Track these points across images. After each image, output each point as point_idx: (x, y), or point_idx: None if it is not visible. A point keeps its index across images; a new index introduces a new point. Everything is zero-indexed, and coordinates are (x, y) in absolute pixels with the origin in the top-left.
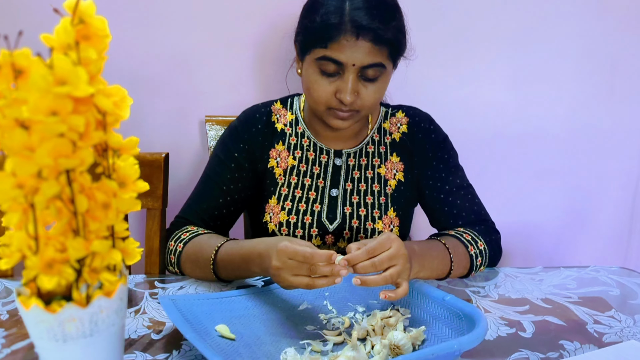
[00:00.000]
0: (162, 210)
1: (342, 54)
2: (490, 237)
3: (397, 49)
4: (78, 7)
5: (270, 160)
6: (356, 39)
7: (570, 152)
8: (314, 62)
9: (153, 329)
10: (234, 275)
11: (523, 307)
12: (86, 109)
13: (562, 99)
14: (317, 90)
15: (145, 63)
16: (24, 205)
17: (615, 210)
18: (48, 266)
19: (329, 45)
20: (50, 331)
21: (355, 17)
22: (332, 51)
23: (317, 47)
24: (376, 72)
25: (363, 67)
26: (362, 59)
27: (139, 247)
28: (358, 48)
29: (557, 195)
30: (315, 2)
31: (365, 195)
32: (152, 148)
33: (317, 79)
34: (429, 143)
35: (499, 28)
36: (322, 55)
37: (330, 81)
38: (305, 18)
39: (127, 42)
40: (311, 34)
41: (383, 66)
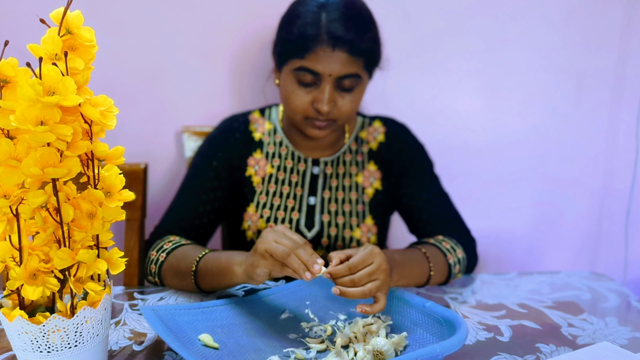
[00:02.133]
0: (141, 221)
1: (319, 64)
2: (468, 245)
3: (373, 59)
4: (66, 18)
5: (248, 168)
6: (332, 49)
7: (538, 161)
8: (291, 73)
9: (135, 340)
10: (216, 283)
11: (500, 312)
12: (73, 119)
13: (530, 109)
14: (294, 101)
15: (121, 73)
16: (9, 215)
17: (583, 216)
18: (32, 276)
19: (305, 56)
20: (34, 343)
21: (332, 28)
22: (309, 62)
23: (294, 58)
24: (352, 82)
25: (339, 77)
26: (338, 70)
27: None
28: (334, 59)
29: (527, 203)
30: (292, 14)
31: (343, 203)
32: (129, 158)
33: (294, 89)
34: (405, 152)
35: (469, 40)
36: (299, 66)
37: (308, 91)
38: (283, 29)
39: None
40: (288, 45)
41: (359, 77)
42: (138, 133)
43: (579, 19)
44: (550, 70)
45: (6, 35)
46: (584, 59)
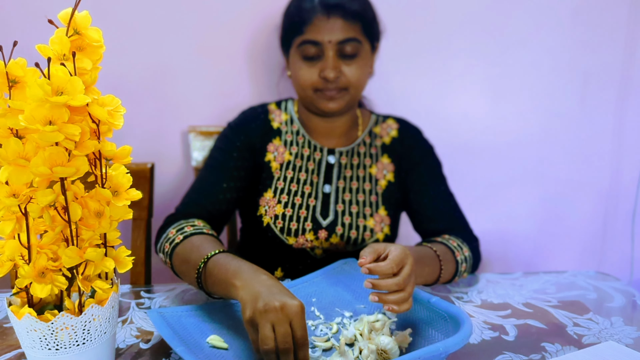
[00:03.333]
0: (148, 220)
1: (318, 34)
2: (472, 244)
3: (369, 23)
4: (74, 19)
5: (268, 154)
6: (327, 17)
7: (544, 161)
8: (296, 52)
9: (141, 339)
10: (215, 290)
11: (505, 311)
12: (81, 119)
13: (536, 109)
14: (302, 76)
15: (128, 73)
16: (18, 214)
17: (588, 216)
18: (40, 275)
19: (304, 30)
20: (42, 340)
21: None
22: (309, 33)
23: (296, 36)
24: (353, 47)
25: (339, 42)
26: (337, 35)
27: None
28: (331, 25)
29: (533, 203)
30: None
31: (357, 193)
32: (135, 158)
33: (301, 65)
34: (416, 149)
35: (474, 41)
36: (301, 41)
37: (313, 64)
38: (284, 17)
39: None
40: (289, 24)
41: (359, 41)
42: (145, 133)
43: (585, 19)
44: (556, 70)
45: (15, 36)
46: (590, 59)
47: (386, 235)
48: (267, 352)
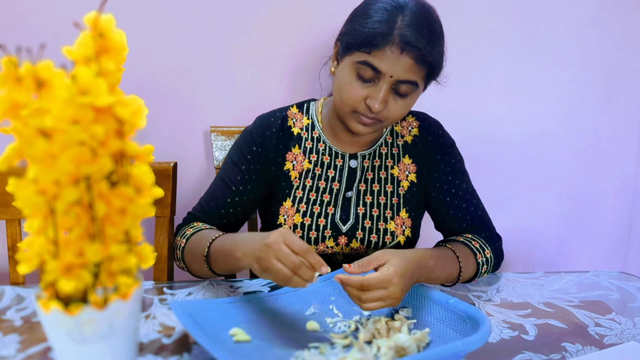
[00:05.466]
0: (170, 218)
1: (383, 63)
2: (495, 244)
3: (434, 72)
4: (98, 22)
5: (287, 163)
6: (400, 52)
7: (568, 159)
8: (353, 64)
9: (164, 333)
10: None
11: (525, 310)
12: (105, 118)
13: (561, 107)
14: (348, 92)
15: (151, 73)
16: (45, 211)
17: (614, 216)
18: (67, 270)
19: (372, 52)
20: (69, 333)
21: (405, 32)
22: (374, 58)
23: (361, 51)
24: (409, 88)
25: (399, 81)
26: (400, 73)
27: None
28: (400, 62)
29: (557, 202)
30: (369, 8)
31: (379, 195)
32: (158, 158)
33: (351, 80)
34: (437, 146)
35: (495, 36)
36: (363, 60)
37: (364, 86)
38: (356, 21)
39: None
40: (358, 37)
41: (416, 85)
42: (168, 132)
43: (609, 16)
44: (581, 68)
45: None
46: (615, 56)
47: (407, 237)
48: (288, 281)
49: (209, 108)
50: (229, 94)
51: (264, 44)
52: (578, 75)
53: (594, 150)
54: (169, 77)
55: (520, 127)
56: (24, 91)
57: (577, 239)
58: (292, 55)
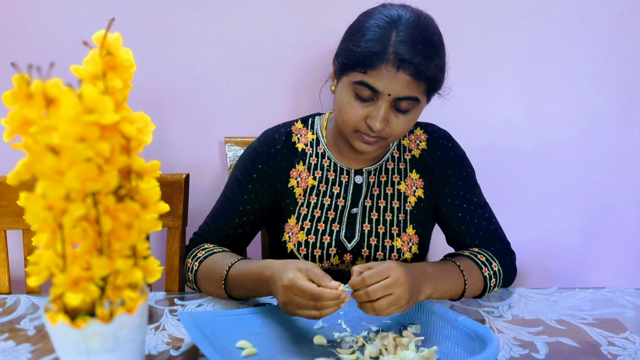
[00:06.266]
0: (182, 229)
1: (380, 82)
2: (506, 258)
3: (435, 85)
4: (106, 40)
5: (291, 180)
6: (396, 70)
7: (586, 170)
8: (350, 85)
9: (172, 345)
10: (245, 295)
11: (537, 328)
12: (112, 135)
13: (578, 117)
14: (347, 112)
15: (167, 84)
16: (53, 226)
17: (634, 228)
18: (74, 284)
19: (368, 72)
20: (75, 346)
21: (399, 49)
22: (370, 78)
23: (356, 71)
24: (409, 104)
25: (398, 98)
26: (398, 91)
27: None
28: (397, 79)
29: (574, 214)
30: (362, 26)
31: (385, 212)
32: (174, 168)
33: (350, 101)
34: (447, 160)
35: (514, 45)
36: (359, 80)
37: (363, 106)
38: (350, 40)
39: (149, 63)
40: (353, 57)
41: (417, 100)
42: (183, 143)
43: (629, 25)
44: (599, 77)
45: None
46: (634, 66)
47: (414, 254)
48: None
49: (224, 118)
50: (243, 105)
51: (281, 55)
52: (596, 84)
53: (612, 161)
54: (186, 87)
55: (535, 137)
56: (35, 108)
57: (597, 253)
58: (308, 68)
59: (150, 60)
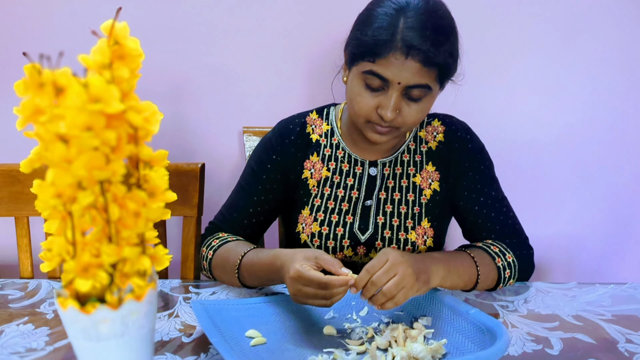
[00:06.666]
0: (198, 218)
1: (389, 71)
2: (522, 251)
3: (446, 72)
4: (113, 30)
5: (305, 171)
6: (405, 58)
7: (611, 162)
8: (360, 75)
9: (184, 332)
10: (258, 284)
11: (552, 323)
12: (119, 124)
13: (603, 109)
14: (359, 103)
15: (188, 75)
16: (63, 213)
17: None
18: (84, 270)
19: (376, 61)
20: (84, 331)
21: (407, 36)
22: (379, 67)
23: (365, 61)
24: (421, 92)
25: (408, 86)
26: (408, 79)
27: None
28: (406, 67)
29: (598, 207)
30: (370, 15)
31: (399, 204)
32: (194, 157)
33: (360, 91)
34: (465, 153)
35: (536, 35)
36: (368, 69)
37: (374, 95)
38: (358, 30)
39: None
40: (361, 47)
41: (429, 88)
42: (204, 132)
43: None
44: (624, 68)
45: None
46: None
47: (429, 248)
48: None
49: (243, 109)
50: (262, 95)
51: (299, 45)
52: (622, 75)
53: (637, 154)
54: (206, 77)
55: (558, 128)
56: (44, 97)
57: (621, 247)
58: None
59: (172, 52)
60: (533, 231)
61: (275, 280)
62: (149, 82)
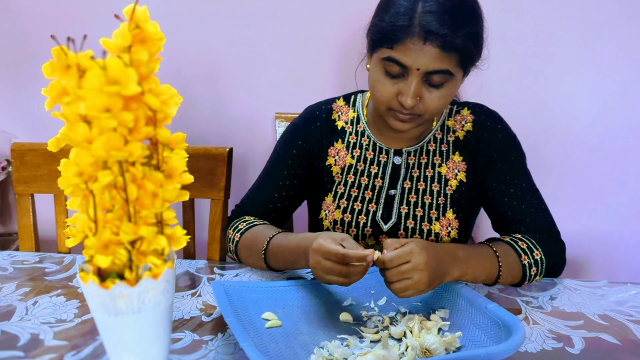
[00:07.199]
0: (225, 201)
1: (407, 57)
2: (552, 247)
3: (468, 57)
4: (134, 13)
5: (329, 158)
6: (423, 43)
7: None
8: (379, 61)
9: (205, 312)
10: (284, 266)
11: (576, 321)
12: (137, 107)
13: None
14: (379, 90)
15: (225, 60)
16: (85, 192)
17: None
18: (104, 247)
19: (394, 47)
20: (104, 305)
21: (425, 21)
22: (398, 53)
23: (384, 47)
24: (442, 78)
25: (428, 72)
26: (427, 64)
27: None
28: (424, 53)
29: None
30: (389, 0)
31: (424, 194)
32: (228, 141)
33: (380, 78)
34: (494, 143)
35: (579, 24)
36: (387, 56)
37: (394, 82)
38: (377, 16)
39: (209, 39)
40: (379, 33)
41: (450, 73)
42: (238, 116)
43: None
44: None
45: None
46: None
47: (453, 239)
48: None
49: (277, 94)
50: (295, 81)
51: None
52: None
53: None
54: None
55: (599, 122)
56: (69, 79)
57: None
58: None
59: (210, 38)
60: (569, 228)
61: (301, 264)
62: (189, 66)
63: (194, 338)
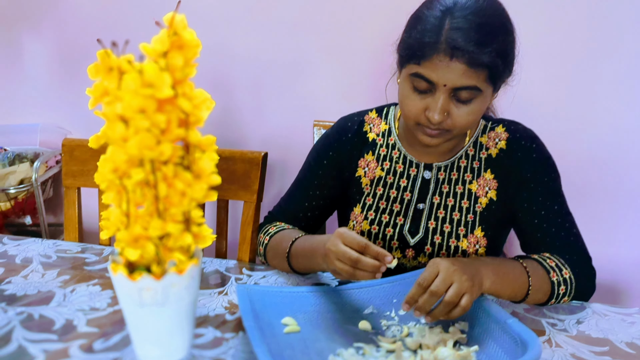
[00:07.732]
0: (257, 204)
1: (434, 73)
2: (582, 269)
3: (497, 73)
4: (173, 21)
5: (359, 170)
6: (450, 59)
7: None
8: (408, 77)
9: (229, 310)
10: (304, 267)
11: (601, 347)
12: (171, 109)
13: None
14: (407, 105)
15: (269, 67)
16: (119, 187)
17: None
18: (134, 241)
19: (422, 63)
20: (130, 296)
21: (451, 37)
22: (425, 69)
23: (411, 63)
24: (470, 94)
25: (455, 88)
26: (454, 80)
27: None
28: (451, 69)
29: None
30: (418, 17)
31: (452, 210)
32: (268, 147)
33: (409, 93)
34: (528, 163)
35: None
36: (415, 72)
37: (422, 98)
38: (406, 32)
39: (253, 47)
40: (407, 49)
41: (478, 89)
42: (278, 123)
43: None
44: None
45: (129, 35)
46: None
47: None
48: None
49: (317, 103)
50: (334, 90)
51: (373, 42)
52: None
53: None
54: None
55: None
56: (111, 80)
57: None
58: None
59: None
60: (609, 251)
61: (318, 261)
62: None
63: (215, 335)
